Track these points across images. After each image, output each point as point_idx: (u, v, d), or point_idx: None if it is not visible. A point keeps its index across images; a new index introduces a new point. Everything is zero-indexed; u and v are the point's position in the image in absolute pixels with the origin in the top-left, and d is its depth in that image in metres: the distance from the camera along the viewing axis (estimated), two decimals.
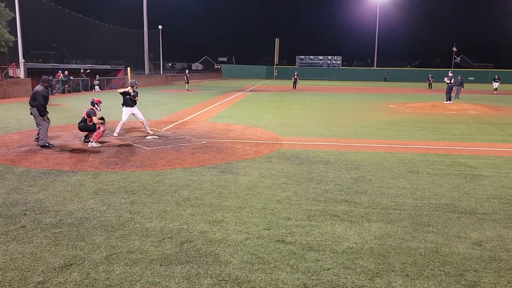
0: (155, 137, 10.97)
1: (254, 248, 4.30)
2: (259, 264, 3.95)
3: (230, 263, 3.96)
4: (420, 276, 3.76)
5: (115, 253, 4.12)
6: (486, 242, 4.55)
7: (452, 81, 24.65)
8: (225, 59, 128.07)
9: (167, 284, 3.55)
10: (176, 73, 70.28)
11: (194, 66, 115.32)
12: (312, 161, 8.38)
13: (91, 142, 9.62)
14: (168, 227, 4.82)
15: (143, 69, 50.69)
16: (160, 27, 53.72)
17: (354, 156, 8.96)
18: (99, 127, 9.71)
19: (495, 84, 37.14)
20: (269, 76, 77.38)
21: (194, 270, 3.81)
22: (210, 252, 4.19)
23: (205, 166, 7.84)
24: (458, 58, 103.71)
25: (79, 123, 9.95)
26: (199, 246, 4.32)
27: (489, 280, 3.72)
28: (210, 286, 3.53)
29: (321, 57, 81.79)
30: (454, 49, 73.99)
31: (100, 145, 9.66)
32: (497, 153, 9.53)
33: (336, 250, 4.27)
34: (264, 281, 3.63)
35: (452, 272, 3.85)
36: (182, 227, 4.84)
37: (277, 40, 75.13)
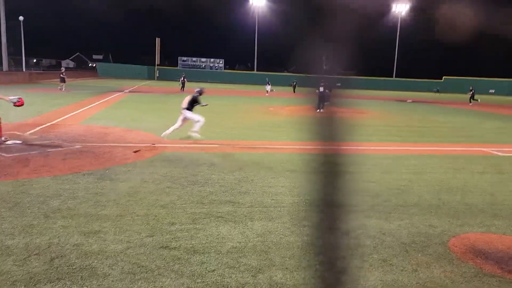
0: (17, 142, 9.66)
1: (136, 257, 4.08)
2: (141, 273, 3.77)
3: (109, 275, 3.69)
4: (298, 268, 4.03)
5: None
6: (352, 231, 5.10)
7: (323, 90, 27.01)
8: (100, 57, 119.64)
9: None
10: (43, 70, 63.17)
11: (65, 63, 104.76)
12: (197, 163, 8.35)
13: None
14: (34, 243, 4.27)
15: (1, 64, 44.37)
16: (21, 18, 47.69)
17: (238, 157, 9.20)
18: None
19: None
20: (151, 77, 74.82)
21: (66, 287, 3.46)
22: (86, 266, 3.85)
23: (79, 173, 7.18)
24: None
25: None
26: (73, 261, 3.93)
27: (355, 264, 4.17)
28: None
29: (203, 59, 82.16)
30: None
31: None
32: (362, 151, 10.79)
33: (221, 251, 4.32)
34: None
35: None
36: (52, 241, 4.34)
37: (157, 39, 73.01)
